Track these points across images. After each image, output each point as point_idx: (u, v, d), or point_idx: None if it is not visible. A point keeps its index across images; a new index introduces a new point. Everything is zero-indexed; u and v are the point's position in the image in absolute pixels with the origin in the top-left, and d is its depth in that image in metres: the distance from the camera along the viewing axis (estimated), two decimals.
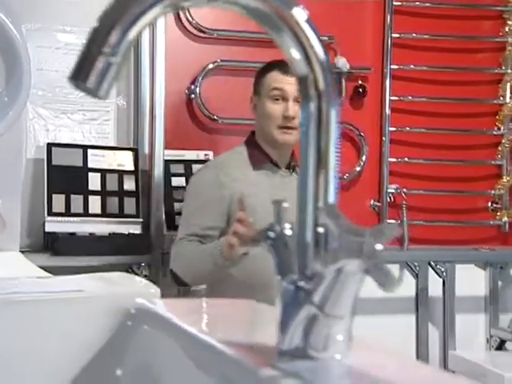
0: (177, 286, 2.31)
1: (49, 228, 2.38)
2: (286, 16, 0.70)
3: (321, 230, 0.69)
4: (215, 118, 2.81)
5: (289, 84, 2.19)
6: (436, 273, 3.02)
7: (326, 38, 2.96)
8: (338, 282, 0.69)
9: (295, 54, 0.70)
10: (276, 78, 2.23)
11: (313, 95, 0.70)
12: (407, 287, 3.11)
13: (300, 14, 0.70)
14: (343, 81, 2.99)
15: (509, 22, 3.09)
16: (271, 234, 0.71)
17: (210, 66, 2.82)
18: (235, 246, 1.96)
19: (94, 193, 2.46)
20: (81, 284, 0.79)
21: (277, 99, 2.22)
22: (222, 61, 2.85)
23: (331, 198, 0.72)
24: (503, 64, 3.13)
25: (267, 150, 2.27)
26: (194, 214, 2.17)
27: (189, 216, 2.18)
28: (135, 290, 0.82)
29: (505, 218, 3.14)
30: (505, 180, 3.14)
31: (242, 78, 2.91)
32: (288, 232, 0.72)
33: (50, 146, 2.47)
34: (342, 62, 2.96)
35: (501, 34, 3.12)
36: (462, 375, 2.89)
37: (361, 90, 3.02)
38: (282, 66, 2.19)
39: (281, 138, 2.22)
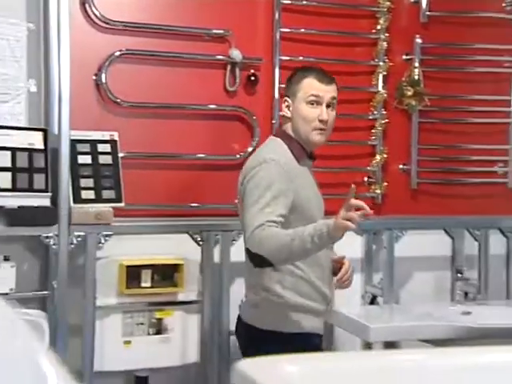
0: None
1: None
2: None
3: None
4: (120, 102, 2.79)
5: (324, 91, 2.25)
6: None
7: (221, 31, 2.98)
8: None
9: None
10: (313, 85, 2.25)
11: None
12: None
13: None
14: (237, 70, 3.02)
15: (380, 21, 3.16)
16: None
17: (117, 53, 2.79)
18: (346, 228, 1.94)
19: (5, 169, 2.40)
20: None
21: (312, 103, 2.24)
22: (127, 50, 2.82)
23: None
24: (376, 57, 3.20)
25: (302, 144, 2.29)
26: (269, 204, 2.11)
27: (264, 206, 2.11)
28: None
29: (378, 191, 3.24)
30: (378, 158, 3.24)
31: (145, 66, 2.90)
32: None
33: None
34: (236, 53, 2.97)
35: (374, 30, 3.20)
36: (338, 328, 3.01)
37: (253, 78, 3.04)
38: (317, 73, 2.29)
39: (315, 139, 2.25)
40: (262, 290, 2.26)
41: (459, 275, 3.22)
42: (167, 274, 2.75)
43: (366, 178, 3.27)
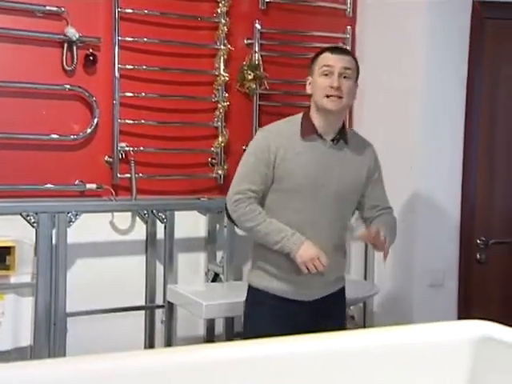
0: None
1: None
2: None
3: None
4: None
5: (335, 61, 2.25)
6: (158, 219, 3.01)
7: (55, 8, 2.81)
8: None
9: None
10: (326, 57, 2.27)
11: None
12: (139, 232, 3.10)
13: None
14: (75, 48, 2.87)
15: (220, 5, 3.11)
16: None
17: None
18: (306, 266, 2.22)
19: None
20: None
21: (326, 74, 2.24)
22: None
23: None
24: (217, 41, 3.15)
25: (316, 122, 2.29)
26: (249, 172, 2.29)
27: (246, 172, 2.30)
28: None
29: (220, 172, 3.21)
30: (220, 140, 3.20)
31: None
32: None
33: None
34: (71, 32, 2.82)
35: (215, 15, 3.14)
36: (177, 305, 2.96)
37: (91, 57, 2.90)
38: (331, 48, 2.32)
39: (327, 105, 2.24)
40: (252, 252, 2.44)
41: None
42: None
43: (209, 159, 3.22)
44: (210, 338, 3.13)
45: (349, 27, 3.40)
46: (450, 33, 3.05)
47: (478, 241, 3.13)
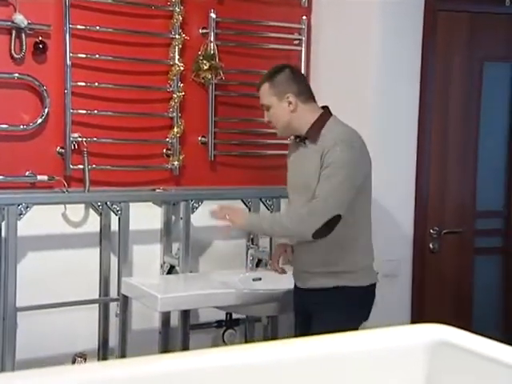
0: None
1: None
2: None
3: None
4: None
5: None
6: (112, 211, 2.93)
7: None
8: None
9: None
10: None
11: None
12: (92, 224, 3.00)
13: None
14: (23, 36, 2.74)
15: None
16: None
17: None
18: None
19: None
20: None
21: None
22: None
23: None
24: (172, 30, 3.06)
25: None
26: None
27: None
28: None
29: (176, 163, 3.14)
30: (175, 130, 3.12)
31: None
32: None
33: None
34: (20, 19, 2.70)
35: (169, 3, 3.05)
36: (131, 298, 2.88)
37: (41, 45, 2.79)
38: None
39: None
40: None
41: (251, 243, 3.21)
42: None
43: (164, 150, 3.14)
44: (166, 331, 3.06)
45: (304, 17, 3.35)
46: (404, 26, 3.04)
47: (431, 231, 3.14)
